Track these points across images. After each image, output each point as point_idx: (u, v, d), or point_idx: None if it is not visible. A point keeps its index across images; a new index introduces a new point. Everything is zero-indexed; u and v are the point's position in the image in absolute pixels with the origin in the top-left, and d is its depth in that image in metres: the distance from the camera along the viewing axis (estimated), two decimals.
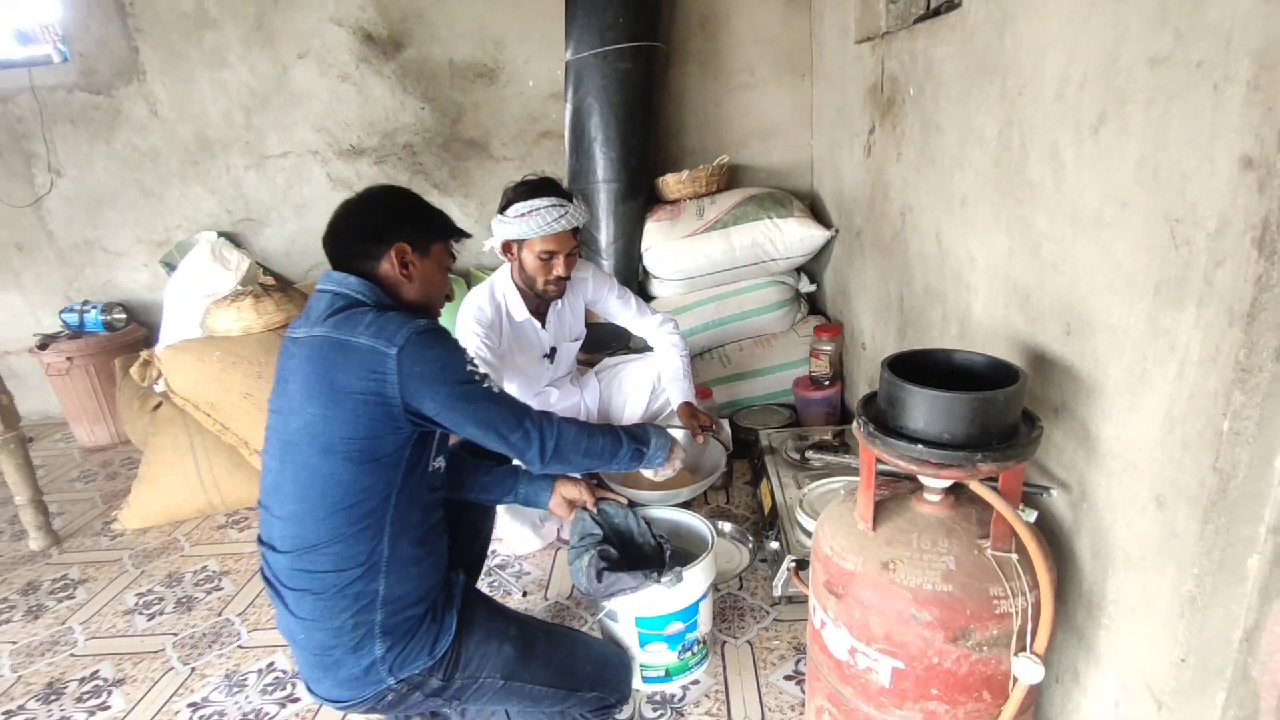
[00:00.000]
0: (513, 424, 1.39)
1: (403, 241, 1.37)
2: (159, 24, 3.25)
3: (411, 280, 1.39)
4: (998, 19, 1.35)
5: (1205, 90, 0.83)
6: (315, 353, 1.28)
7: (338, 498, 1.26)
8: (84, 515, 2.81)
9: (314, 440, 1.25)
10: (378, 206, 1.43)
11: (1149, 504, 0.99)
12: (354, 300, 1.33)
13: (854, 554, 1.18)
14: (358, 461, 1.26)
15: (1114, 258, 1.03)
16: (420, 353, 1.26)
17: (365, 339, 1.25)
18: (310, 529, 1.26)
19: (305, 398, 1.27)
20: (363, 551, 1.28)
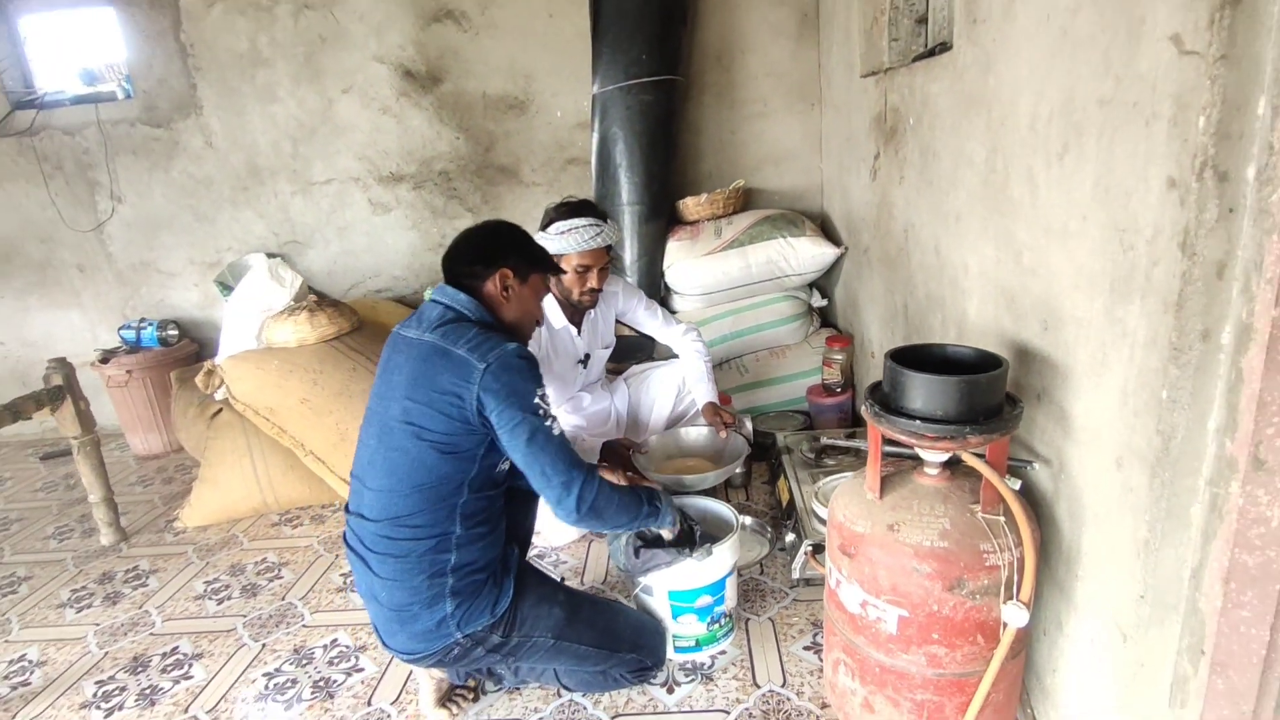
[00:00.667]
0: (561, 469, 1.48)
1: (507, 268, 1.59)
2: (216, 63, 3.53)
3: (509, 302, 1.61)
4: (983, 61, 1.56)
5: (1139, 125, 1.03)
6: (423, 355, 1.49)
7: (421, 479, 1.47)
8: (146, 515, 3.02)
9: (408, 427, 1.46)
10: (491, 236, 1.65)
11: (1111, 466, 1.17)
12: (461, 314, 1.55)
13: (863, 519, 1.37)
14: (441, 451, 1.47)
15: (1078, 262, 1.22)
16: (501, 373, 1.45)
17: (464, 351, 1.46)
18: (397, 502, 1.47)
19: (408, 391, 1.48)
20: (438, 526, 1.48)
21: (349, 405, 2.65)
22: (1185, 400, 1.02)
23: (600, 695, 1.76)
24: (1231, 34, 0.88)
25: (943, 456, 1.36)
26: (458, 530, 1.50)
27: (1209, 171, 0.93)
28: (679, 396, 2.49)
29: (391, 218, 3.72)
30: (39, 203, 3.72)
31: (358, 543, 1.56)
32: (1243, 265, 0.94)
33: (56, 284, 3.87)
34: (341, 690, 1.88)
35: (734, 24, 3.38)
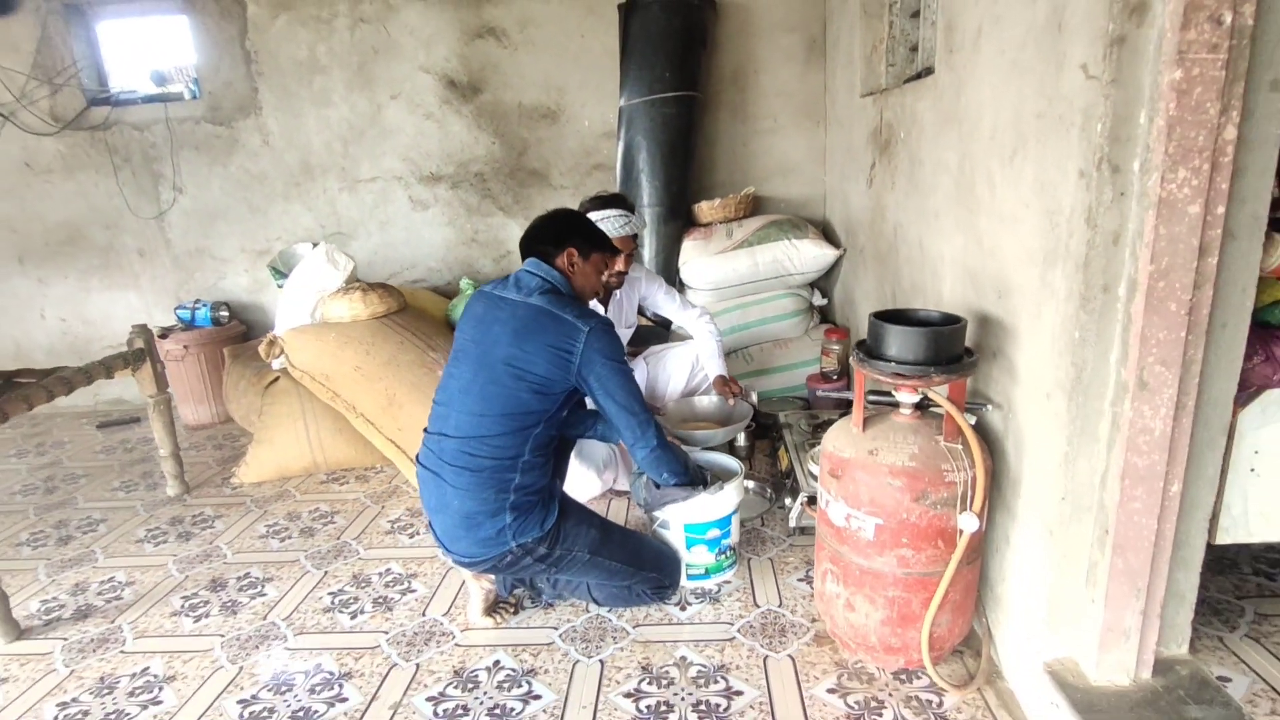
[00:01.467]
0: (640, 407, 1.90)
1: (573, 247, 1.95)
2: (277, 69, 3.89)
3: (575, 275, 1.97)
4: (956, 84, 1.90)
5: (1063, 132, 1.37)
6: (533, 315, 1.84)
7: (512, 409, 1.80)
8: (204, 474, 3.33)
9: (510, 369, 1.80)
10: (561, 221, 2.02)
11: (1043, 398, 1.49)
12: (554, 286, 1.91)
13: (850, 447, 1.69)
14: (536, 391, 1.82)
15: (1023, 241, 1.55)
16: (602, 334, 1.84)
17: (571, 316, 1.83)
18: (484, 424, 1.80)
19: (514, 340, 1.82)
20: (512, 448, 1.81)
21: (396, 373, 2.96)
22: (1092, 339, 1.34)
23: (624, 610, 2.07)
24: (1119, 64, 1.21)
25: (914, 398, 1.67)
26: (526, 455, 1.82)
27: (1105, 164, 1.26)
28: (693, 372, 2.81)
29: (429, 214, 4.07)
30: (107, 191, 4.07)
31: (433, 459, 1.88)
32: (1131, 235, 1.27)
33: (118, 267, 4.21)
34: (399, 605, 2.19)
35: (748, 48, 3.74)
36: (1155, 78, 1.19)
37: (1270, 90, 1.21)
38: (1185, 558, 1.47)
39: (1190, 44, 1.14)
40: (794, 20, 3.69)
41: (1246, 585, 1.86)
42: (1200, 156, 1.18)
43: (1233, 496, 1.51)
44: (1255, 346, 1.39)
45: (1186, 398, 1.31)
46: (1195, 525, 1.45)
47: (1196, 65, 1.14)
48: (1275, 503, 1.52)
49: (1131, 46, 1.20)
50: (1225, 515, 1.53)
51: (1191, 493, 1.41)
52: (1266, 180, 1.25)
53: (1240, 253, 1.29)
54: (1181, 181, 1.20)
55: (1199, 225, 1.21)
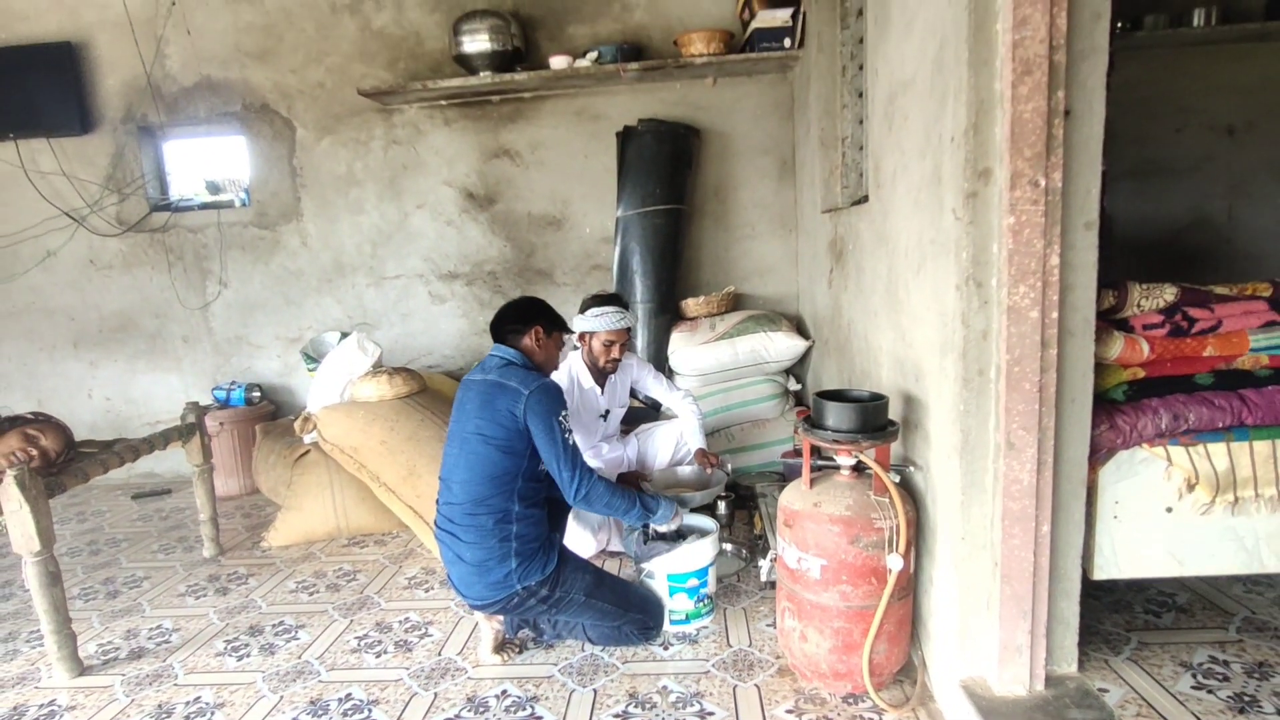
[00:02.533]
0: (569, 465, 2.20)
1: (538, 326, 2.36)
2: (318, 182, 4.46)
3: (540, 350, 2.38)
4: (883, 211, 2.39)
5: (946, 256, 1.82)
6: (488, 388, 2.24)
7: (490, 470, 2.19)
8: (235, 539, 3.66)
9: (478, 437, 2.20)
10: (525, 305, 2.46)
11: (944, 458, 1.89)
12: (511, 361, 2.31)
13: (799, 501, 2.07)
14: (500, 450, 2.19)
15: (928, 336, 1.99)
16: (540, 395, 2.21)
17: (514, 383, 2.22)
18: (476, 488, 2.18)
19: (478, 413, 2.22)
20: (503, 504, 2.19)
21: (417, 447, 3.35)
22: (974, 411, 1.76)
23: (615, 649, 2.38)
24: (975, 211, 1.68)
25: (851, 461, 2.07)
26: (516, 508, 2.19)
27: (972, 281, 1.71)
28: (677, 446, 3.20)
29: (446, 307, 4.55)
30: (159, 285, 4.57)
31: (447, 523, 2.25)
32: (995, 333, 1.71)
33: (163, 352, 4.66)
34: (417, 647, 2.50)
35: (729, 168, 4.33)
36: (1000, 221, 1.65)
37: (1085, 229, 1.67)
38: (1065, 589, 1.83)
39: (1018, 199, 1.60)
40: (768, 144, 4.29)
41: (1135, 621, 2.20)
42: (1034, 277, 1.63)
43: (1103, 539, 1.89)
44: (1101, 417, 1.80)
45: (1046, 455, 1.71)
46: (1070, 561, 1.82)
47: (1024, 214, 1.61)
48: (1138, 544, 1.89)
49: (983, 199, 1.67)
50: (1099, 554, 1.90)
51: (1062, 533, 1.79)
52: (1090, 294, 1.69)
53: (1078, 346, 1.72)
54: (1022, 294, 1.64)
55: (1039, 326, 1.65)
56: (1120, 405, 1.84)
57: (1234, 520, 1.86)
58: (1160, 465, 1.85)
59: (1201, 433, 1.81)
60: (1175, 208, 4.02)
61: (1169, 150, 3.95)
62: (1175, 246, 4.01)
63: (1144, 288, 1.85)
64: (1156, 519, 1.88)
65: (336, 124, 4.41)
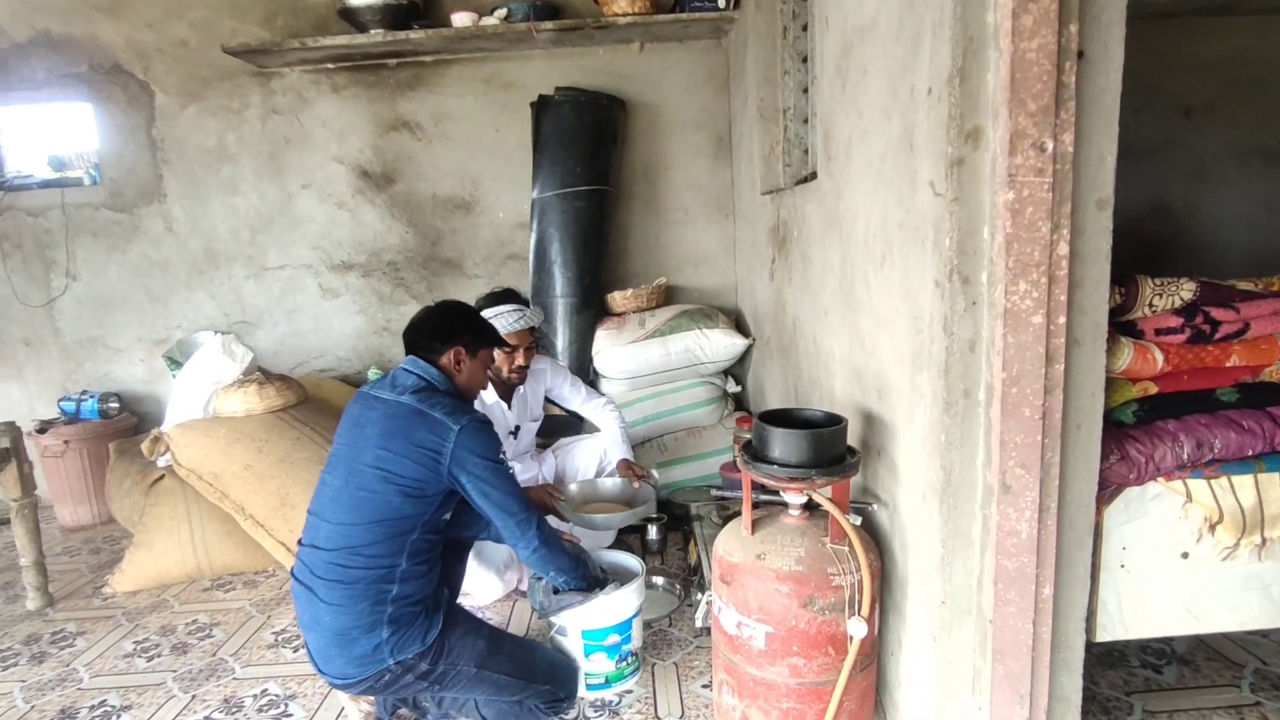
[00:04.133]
0: (521, 506, 1.82)
1: (460, 346, 1.89)
2: (184, 157, 3.83)
3: (460, 374, 1.91)
4: (836, 190, 1.99)
5: (920, 243, 1.43)
6: (402, 413, 1.77)
7: (382, 514, 1.71)
8: (73, 583, 3.06)
9: (377, 472, 1.71)
10: (448, 316, 1.96)
11: (919, 499, 1.50)
12: (431, 384, 1.84)
13: (739, 551, 1.66)
14: (406, 495, 1.72)
15: (895, 344, 1.59)
16: (474, 432, 1.76)
17: (440, 414, 1.76)
18: (355, 534, 1.69)
19: (382, 442, 1.74)
20: (387, 558, 1.71)
21: (291, 472, 2.82)
22: (958, 442, 1.37)
23: None
24: (960, 184, 1.28)
25: (801, 499, 1.67)
26: (404, 564, 1.72)
27: (956, 276, 1.31)
28: (601, 465, 2.76)
29: (340, 302, 3.99)
30: None
31: (306, 573, 1.75)
32: (985, 342, 1.32)
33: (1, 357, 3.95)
34: None
35: (659, 145, 3.89)
36: (993, 197, 1.26)
37: (1097, 209, 1.29)
38: (1066, 659, 1.47)
39: (1019, 168, 1.21)
40: (702, 119, 3.86)
41: (1135, 680, 1.87)
42: (1038, 270, 1.24)
43: (1107, 594, 1.54)
44: (1110, 446, 1.44)
45: (1049, 499, 1.34)
46: (1073, 625, 1.46)
47: (1026, 187, 1.21)
48: (1148, 598, 1.54)
49: (970, 168, 1.28)
50: (1102, 613, 1.55)
51: (1065, 593, 1.42)
52: (1102, 291, 1.32)
53: (1086, 358, 1.34)
54: (1023, 294, 1.25)
55: (1043, 334, 1.27)
56: (1131, 430, 1.49)
57: (1259, 566, 1.53)
58: (1176, 502, 1.50)
59: (1228, 462, 1.47)
60: (1134, 194, 3.76)
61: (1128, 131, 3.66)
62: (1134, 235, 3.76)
63: (1157, 283, 1.49)
64: (1171, 567, 1.53)
65: (204, 89, 3.78)
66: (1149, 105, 3.62)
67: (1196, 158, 3.69)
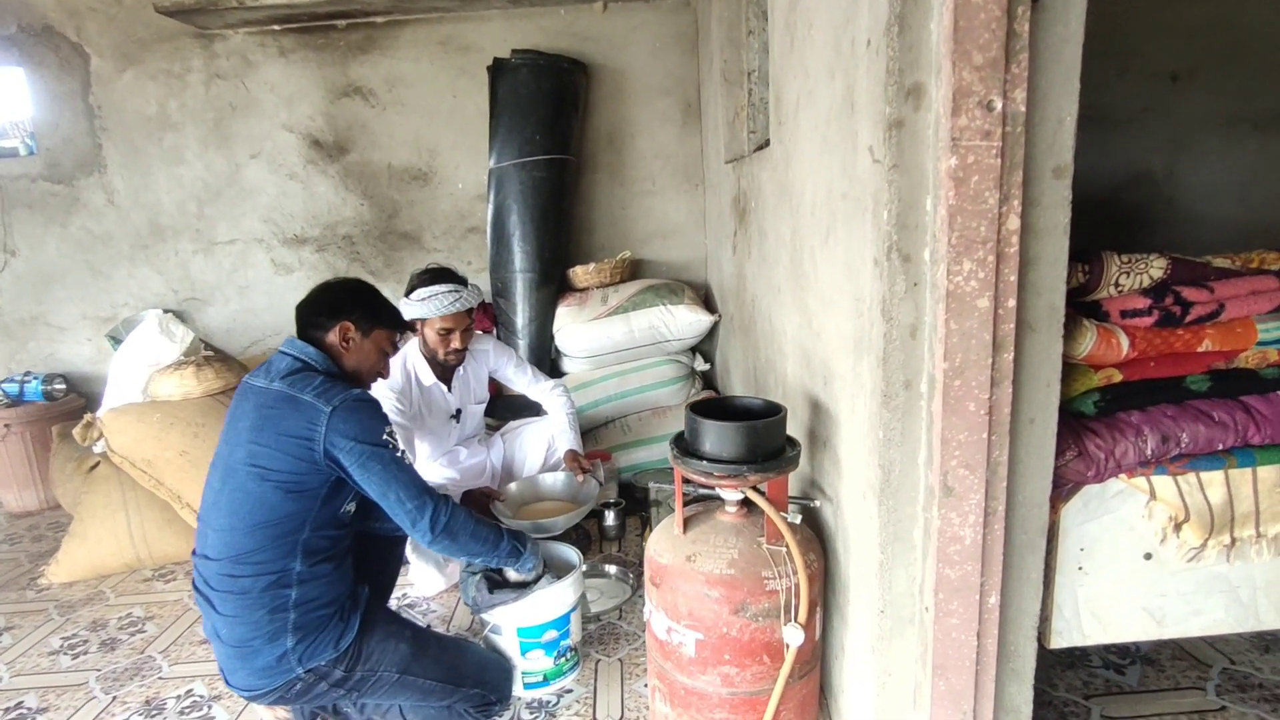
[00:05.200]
0: (413, 493, 1.62)
1: (348, 321, 1.71)
2: (123, 125, 3.63)
3: (349, 353, 1.73)
4: (786, 156, 1.83)
5: (861, 215, 1.28)
6: (270, 401, 1.60)
7: (263, 516, 1.56)
8: (9, 573, 2.93)
9: (252, 469, 1.56)
10: (340, 291, 1.77)
11: (859, 498, 1.38)
12: (308, 364, 1.66)
13: (669, 551, 1.53)
14: (285, 490, 1.57)
15: (839, 327, 1.45)
16: (347, 414, 1.57)
17: (309, 397, 1.57)
18: (239, 539, 1.55)
19: (252, 434, 1.58)
20: (279, 561, 1.57)
21: None
22: (898, 439, 1.23)
23: None
24: (900, 149, 1.13)
25: (738, 495, 1.54)
26: (299, 566, 1.58)
27: (896, 253, 1.16)
28: (550, 450, 2.63)
29: (294, 278, 3.82)
30: None
31: (203, 583, 1.62)
32: (928, 329, 1.18)
33: None
34: None
35: (624, 111, 3.70)
36: (935, 164, 1.11)
37: (1054, 177, 1.14)
38: (1016, 669, 1.35)
39: (963, 130, 1.06)
40: (669, 84, 3.67)
41: (1095, 682, 1.76)
42: (984, 247, 1.10)
43: (1063, 597, 1.42)
44: (1068, 441, 1.31)
45: (995, 502, 1.21)
46: (1023, 634, 1.34)
47: (971, 152, 1.06)
48: (1108, 601, 1.43)
49: (910, 131, 1.12)
50: (1057, 617, 1.43)
51: (1014, 601, 1.30)
52: (1059, 270, 1.18)
53: (1040, 346, 1.20)
54: (968, 274, 1.11)
55: (990, 319, 1.13)
56: (1091, 422, 1.35)
57: (1226, 568, 1.41)
58: (1139, 500, 1.38)
59: (1196, 457, 1.34)
60: (1113, 162, 3.59)
61: (1108, 96, 3.50)
62: (1112, 205, 3.60)
63: (1124, 260, 1.35)
64: (1132, 569, 1.41)
65: (142, 52, 3.57)
66: (1129, 71, 3.43)
67: (1179, 125, 3.51)
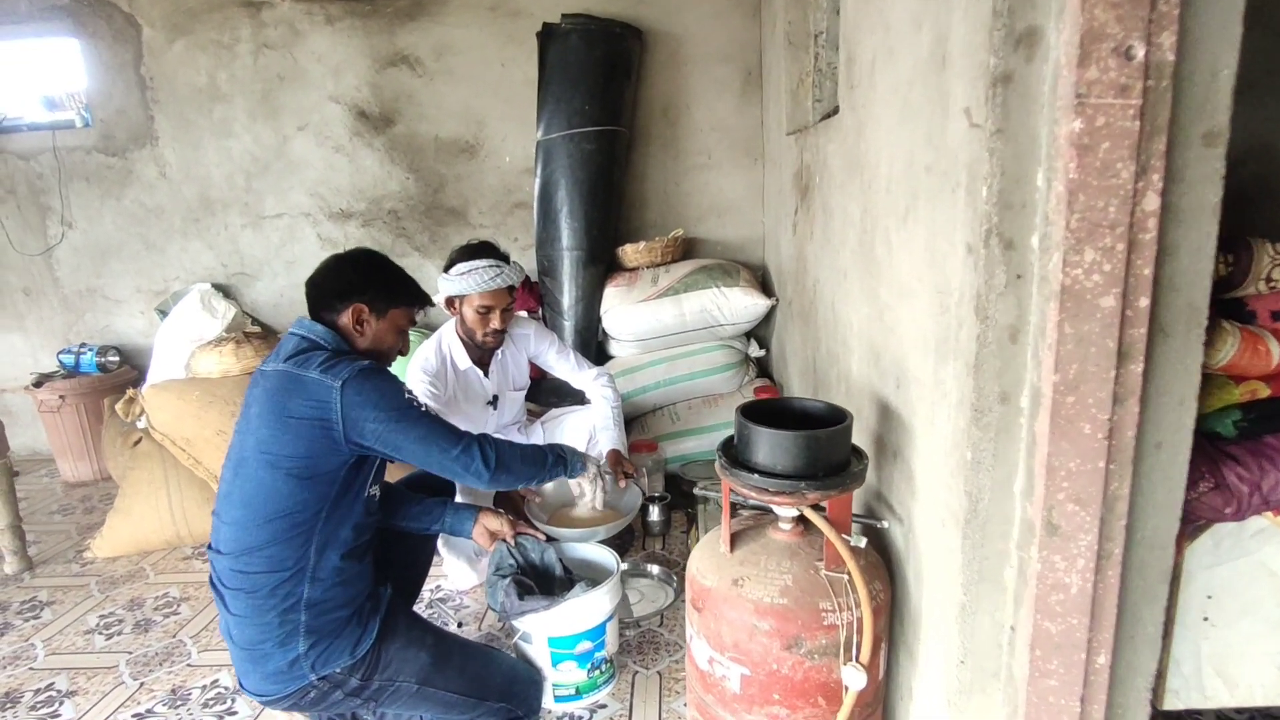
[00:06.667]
0: (452, 440, 1.57)
1: (361, 303, 1.57)
2: (175, 97, 3.59)
3: (364, 336, 1.60)
4: (857, 125, 1.61)
5: (950, 192, 1.06)
6: (276, 384, 1.49)
7: (276, 507, 1.45)
8: (58, 545, 2.96)
9: (263, 456, 1.45)
10: (351, 268, 1.63)
11: (938, 525, 1.17)
12: (316, 344, 1.54)
13: (713, 573, 1.36)
14: (297, 477, 1.46)
15: (917, 322, 1.24)
16: (361, 384, 1.46)
17: (315, 373, 1.46)
18: (250, 533, 1.45)
19: (261, 420, 1.47)
20: (292, 557, 1.46)
21: None
22: (988, 462, 1.03)
23: None
24: (1006, 109, 0.91)
25: (793, 511, 1.35)
26: (313, 560, 1.47)
27: (996, 238, 0.95)
28: (591, 444, 2.47)
29: None
30: None
31: (217, 579, 1.53)
32: (1033, 331, 0.96)
33: (1, 307, 3.86)
34: None
35: (680, 80, 3.48)
36: (1052, 128, 0.89)
37: (1205, 145, 0.91)
38: None
39: (1091, 85, 0.83)
40: (729, 50, 3.43)
41: None
42: (1113, 233, 0.88)
43: (1182, 652, 1.19)
44: (1201, 470, 1.08)
45: (1111, 544, 0.99)
46: (1134, 696, 1.12)
47: (1101, 113, 0.84)
48: (1237, 659, 1.19)
49: (1020, 87, 0.90)
50: (1174, 674, 1.20)
51: (1125, 659, 1.09)
52: (1203, 261, 0.94)
53: (1175, 354, 0.97)
54: (1090, 265, 0.89)
55: (1115, 322, 0.91)
56: (1230, 447, 1.12)
57: None
58: None
59: None
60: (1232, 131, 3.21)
61: None
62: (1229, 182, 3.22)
63: (1278, 249, 1.10)
64: (1270, 621, 1.17)
65: (192, 22, 3.51)
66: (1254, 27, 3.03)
67: None
